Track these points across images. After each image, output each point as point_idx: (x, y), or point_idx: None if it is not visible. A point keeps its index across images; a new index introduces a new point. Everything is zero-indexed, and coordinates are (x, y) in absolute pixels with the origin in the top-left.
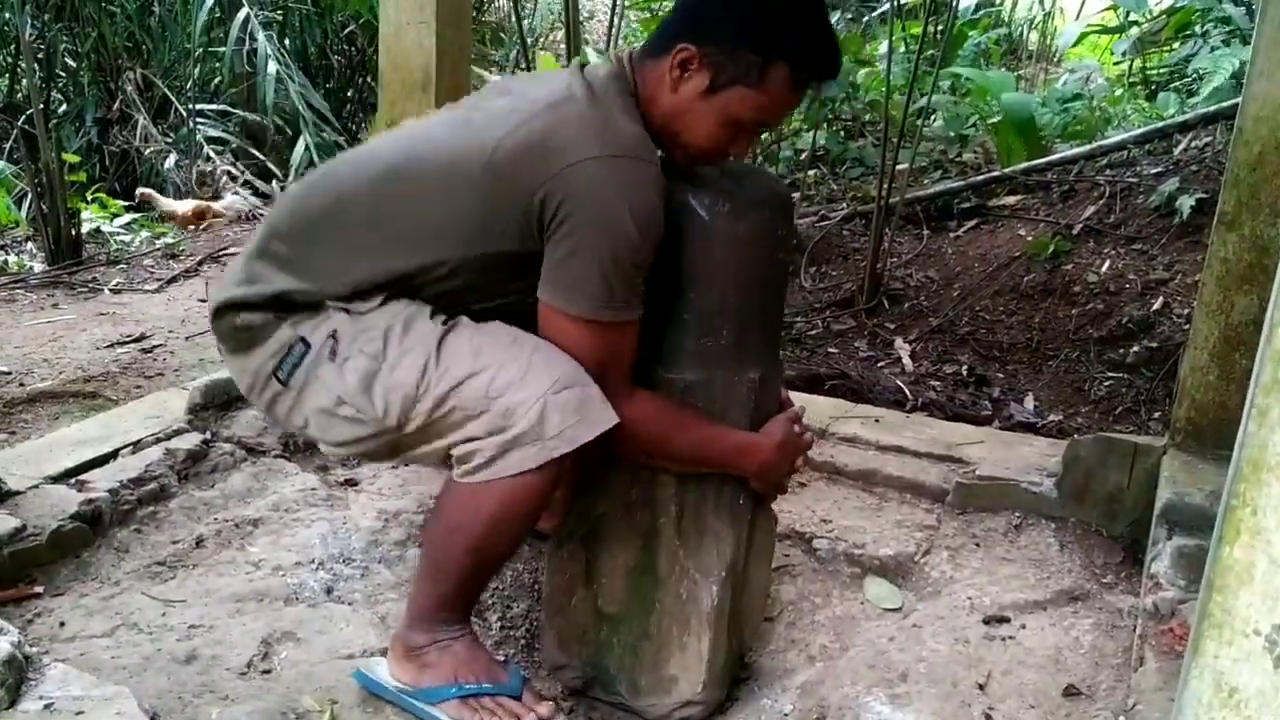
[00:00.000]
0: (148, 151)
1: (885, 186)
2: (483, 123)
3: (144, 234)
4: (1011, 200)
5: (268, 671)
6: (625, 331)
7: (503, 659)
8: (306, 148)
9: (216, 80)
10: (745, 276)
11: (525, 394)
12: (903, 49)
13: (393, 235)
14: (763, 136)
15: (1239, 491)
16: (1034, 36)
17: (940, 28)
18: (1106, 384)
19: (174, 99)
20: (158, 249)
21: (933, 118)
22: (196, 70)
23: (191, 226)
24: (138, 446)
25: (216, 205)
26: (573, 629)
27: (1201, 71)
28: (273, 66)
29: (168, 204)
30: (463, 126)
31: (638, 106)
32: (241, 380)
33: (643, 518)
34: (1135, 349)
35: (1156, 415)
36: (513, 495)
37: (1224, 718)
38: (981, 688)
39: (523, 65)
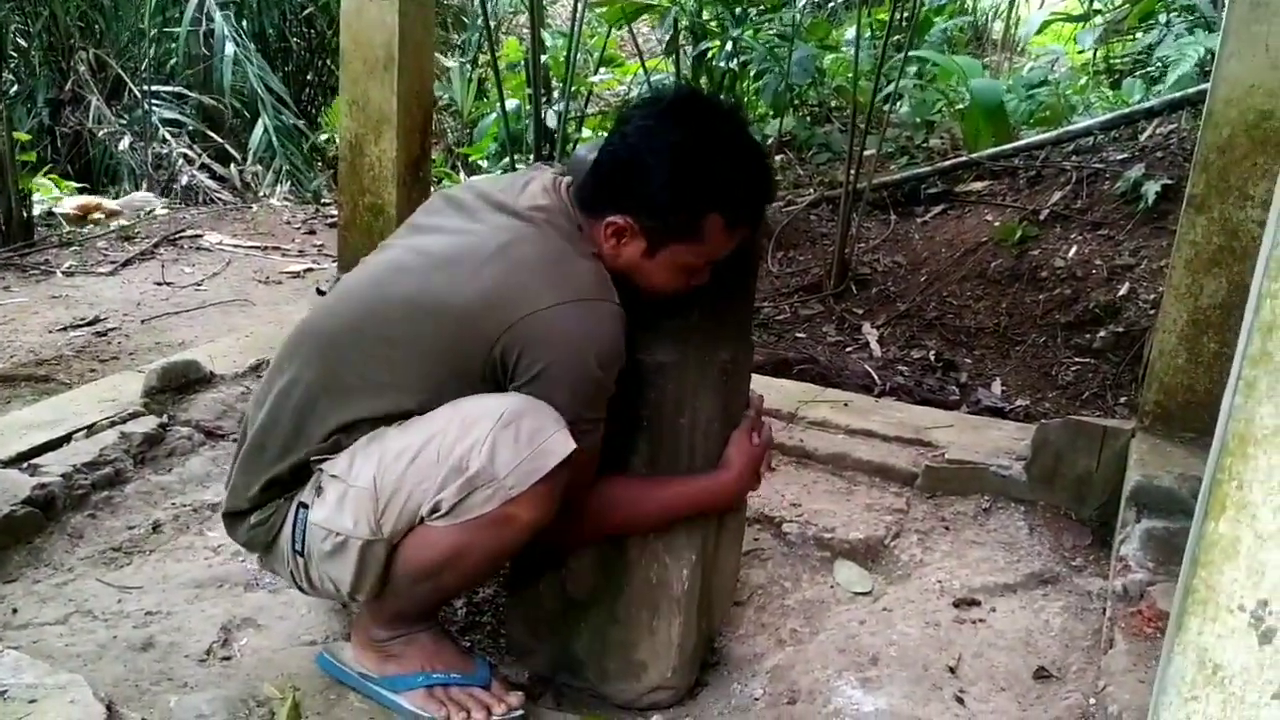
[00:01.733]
0: (101, 133)
1: (853, 172)
2: (439, 263)
3: (97, 216)
4: (979, 186)
5: (228, 658)
6: (594, 446)
7: (468, 645)
8: (265, 130)
9: (172, 61)
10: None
11: (472, 438)
12: (869, 35)
13: (371, 387)
14: None
15: (1225, 465)
16: (999, 25)
17: (906, 14)
18: (1073, 369)
19: (128, 80)
20: (112, 231)
21: (899, 103)
22: (151, 51)
23: (80, 224)
24: (92, 430)
25: (108, 203)
26: (539, 614)
27: (1166, 59)
28: (230, 48)
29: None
30: (419, 272)
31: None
32: (288, 576)
33: None
34: (1102, 334)
35: (1123, 400)
36: (490, 541)
37: (1207, 695)
38: (952, 670)
39: (486, 51)
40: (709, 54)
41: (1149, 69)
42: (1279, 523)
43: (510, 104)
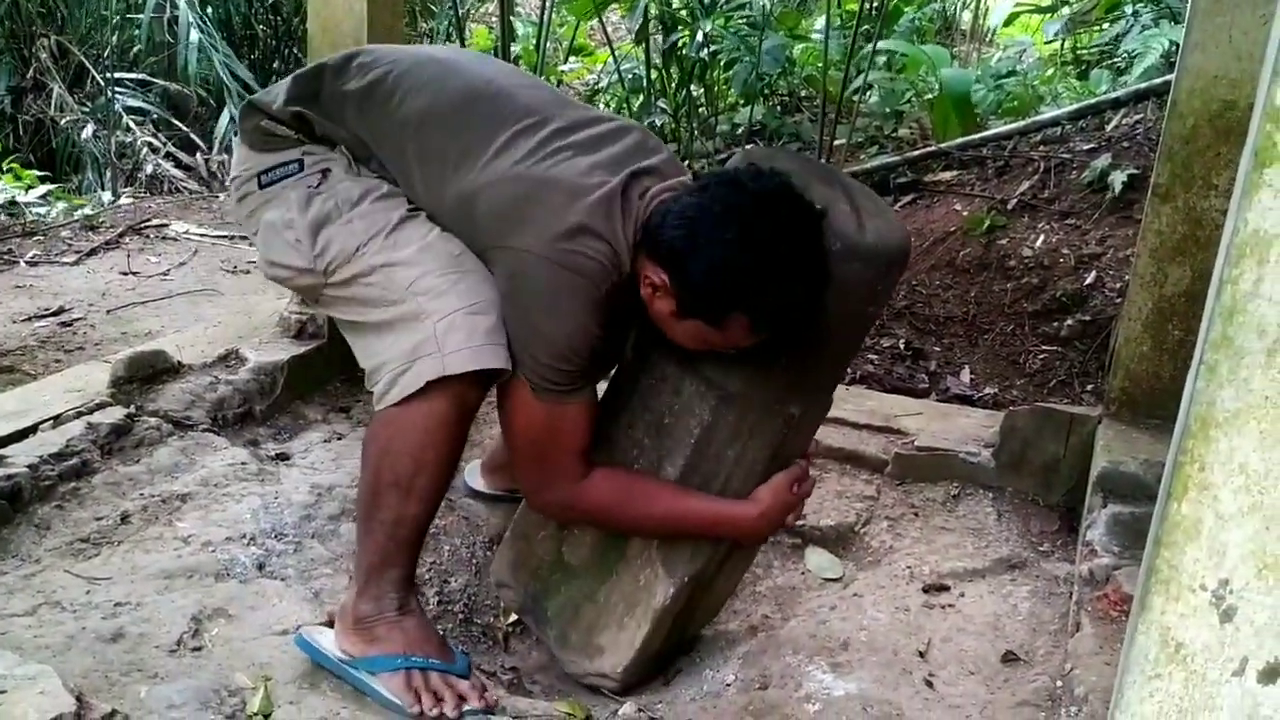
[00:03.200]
0: (64, 121)
1: (823, 161)
2: (534, 143)
3: (61, 205)
4: (948, 176)
5: (199, 649)
6: (561, 414)
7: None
8: (231, 119)
9: (135, 49)
10: (828, 318)
11: (440, 304)
12: (839, 24)
13: (414, 161)
14: (699, 110)
15: (1187, 448)
16: (967, 16)
17: (876, 4)
18: (1040, 357)
19: (91, 67)
20: (75, 220)
21: (869, 93)
22: (114, 37)
23: None
24: (58, 421)
25: None
26: (529, 558)
27: (1132, 50)
28: (195, 35)
29: None
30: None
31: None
32: (237, 169)
33: None
34: (1069, 322)
35: (1089, 387)
36: (424, 418)
37: (1170, 673)
38: (922, 655)
39: (454, 38)
40: (679, 43)
41: (1115, 60)
42: (1239, 504)
43: None
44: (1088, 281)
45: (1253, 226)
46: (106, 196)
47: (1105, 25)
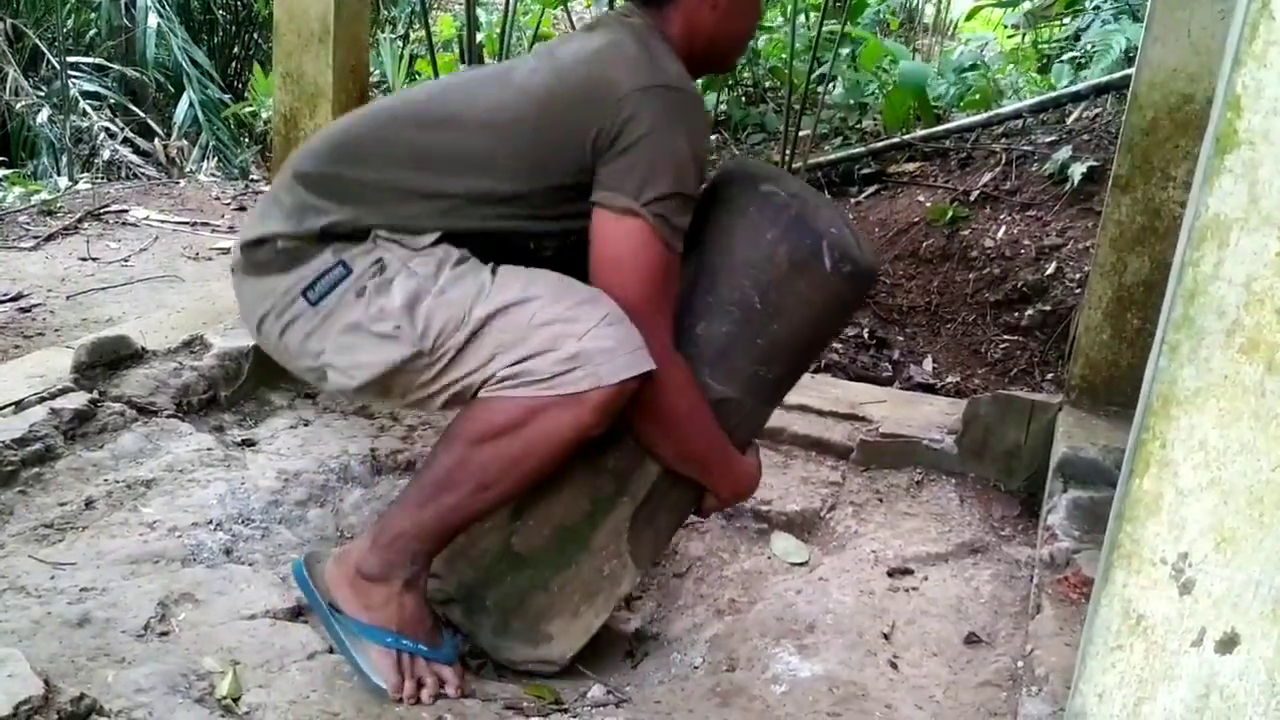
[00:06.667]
0: (18, 106)
1: (788, 152)
2: (529, 70)
3: (17, 190)
4: (911, 167)
5: (165, 633)
6: (670, 259)
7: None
8: (191, 105)
9: (92, 32)
10: (817, 327)
11: (574, 327)
12: (804, 17)
13: (443, 169)
14: None
15: (1149, 425)
16: (930, 10)
17: None
18: (1002, 346)
19: (46, 51)
20: (32, 206)
21: (833, 85)
22: (70, 21)
23: None
24: (20, 406)
25: None
26: (469, 550)
27: (1093, 45)
28: (153, 19)
29: None
30: (507, 74)
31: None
32: (257, 304)
33: (604, 486)
34: (1029, 312)
35: (1049, 376)
36: (542, 427)
37: (1131, 644)
38: (886, 637)
39: (417, 27)
40: None
41: (1076, 55)
42: (1199, 479)
43: None
44: (1048, 272)
45: (1214, 211)
46: (63, 182)
47: (1066, 21)
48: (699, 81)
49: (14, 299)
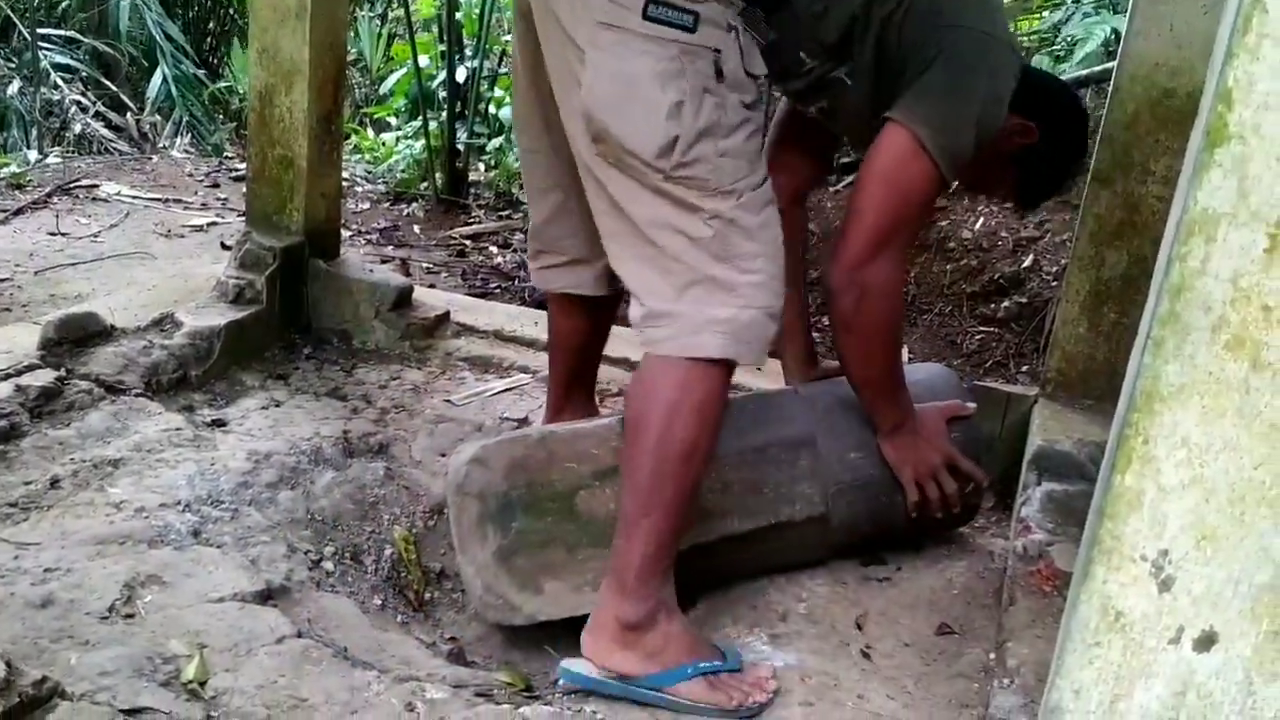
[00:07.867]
0: None
1: None
2: None
3: None
4: None
5: (131, 616)
6: (934, 189)
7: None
8: (164, 80)
9: (64, 4)
10: None
11: (758, 294)
12: None
13: None
14: None
15: (1132, 421)
16: None
17: None
18: (978, 337)
19: (17, 22)
20: (2, 179)
21: None
22: None
23: None
24: None
25: None
26: (539, 470)
27: (1073, 38)
28: None
29: None
30: None
31: None
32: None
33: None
34: (1006, 304)
35: (1025, 368)
36: (704, 383)
37: (1109, 641)
38: (859, 627)
39: (396, 6)
40: None
41: (1056, 47)
42: (1181, 476)
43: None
44: (1025, 264)
45: (1202, 205)
46: (33, 155)
47: (1046, 13)
48: None
49: None
